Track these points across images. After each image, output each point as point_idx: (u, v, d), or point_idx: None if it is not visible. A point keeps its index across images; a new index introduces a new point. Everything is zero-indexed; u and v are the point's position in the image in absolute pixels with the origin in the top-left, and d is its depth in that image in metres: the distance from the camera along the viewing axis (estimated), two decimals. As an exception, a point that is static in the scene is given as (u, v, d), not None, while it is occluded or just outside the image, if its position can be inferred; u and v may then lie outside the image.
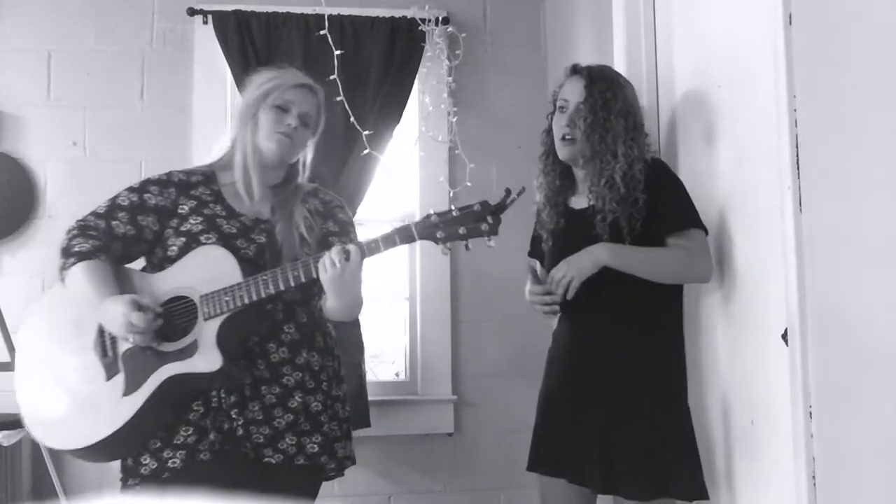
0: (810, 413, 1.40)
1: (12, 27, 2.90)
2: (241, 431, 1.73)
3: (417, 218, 1.72)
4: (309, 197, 1.94)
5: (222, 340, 1.68)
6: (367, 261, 1.69)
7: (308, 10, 2.89)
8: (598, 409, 1.80)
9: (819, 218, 1.41)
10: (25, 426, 1.77)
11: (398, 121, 2.91)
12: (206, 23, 2.92)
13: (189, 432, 1.73)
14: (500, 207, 1.65)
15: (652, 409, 1.77)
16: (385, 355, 3.22)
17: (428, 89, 3.00)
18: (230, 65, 2.86)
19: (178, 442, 1.72)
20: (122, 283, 1.78)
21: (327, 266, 1.65)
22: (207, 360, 1.67)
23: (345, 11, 2.91)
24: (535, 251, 2.10)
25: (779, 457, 1.54)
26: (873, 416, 1.29)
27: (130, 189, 1.86)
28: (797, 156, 1.43)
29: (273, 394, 1.77)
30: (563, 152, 1.91)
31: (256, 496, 1.72)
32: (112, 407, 1.70)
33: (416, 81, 2.96)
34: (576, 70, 1.93)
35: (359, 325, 2.80)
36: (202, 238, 1.78)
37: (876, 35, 1.28)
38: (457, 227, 1.64)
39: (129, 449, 1.74)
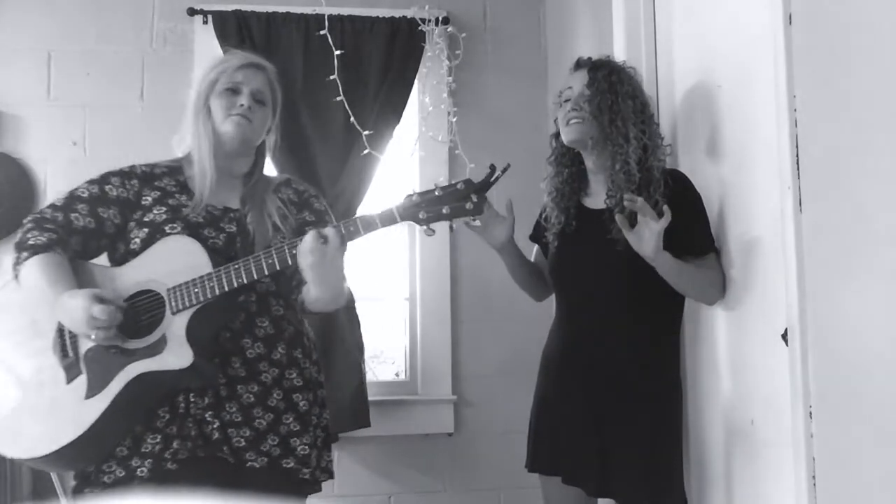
0: (810, 413, 1.40)
1: (12, 27, 2.90)
2: (217, 435, 1.63)
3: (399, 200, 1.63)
4: (282, 187, 1.86)
5: (193, 335, 1.59)
6: (365, 259, 1.64)
7: (308, 10, 2.89)
8: (593, 412, 1.80)
9: (819, 218, 1.41)
10: None
11: (398, 121, 2.91)
12: (206, 23, 2.92)
13: (157, 440, 1.62)
14: (485, 185, 1.60)
15: (648, 415, 1.77)
16: (385, 355, 3.21)
17: (428, 89, 3.00)
18: (230, 65, 2.86)
19: (146, 450, 1.61)
20: (81, 279, 1.66)
21: (305, 252, 1.55)
22: (178, 355, 1.57)
23: (345, 11, 2.91)
24: (536, 236, 2.09)
25: (779, 457, 1.53)
26: (873, 417, 1.29)
27: (90, 181, 1.76)
28: (797, 156, 1.43)
29: (251, 392, 1.67)
30: (570, 135, 1.85)
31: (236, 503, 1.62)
32: (74, 410, 1.58)
33: (416, 81, 2.96)
34: (579, 64, 1.91)
35: (359, 325, 2.80)
36: (166, 228, 1.68)
37: (876, 35, 1.28)
38: (440, 206, 1.56)
39: (94, 455, 1.62)
